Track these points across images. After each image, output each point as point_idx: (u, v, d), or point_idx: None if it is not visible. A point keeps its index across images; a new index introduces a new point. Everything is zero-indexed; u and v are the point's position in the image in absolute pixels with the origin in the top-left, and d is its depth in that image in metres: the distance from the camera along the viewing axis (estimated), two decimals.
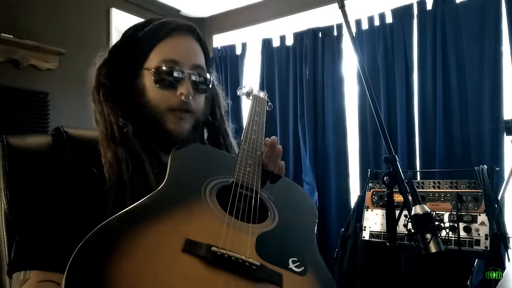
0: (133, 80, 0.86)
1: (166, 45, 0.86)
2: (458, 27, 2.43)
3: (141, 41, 0.86)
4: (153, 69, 0.84)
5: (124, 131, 0.83)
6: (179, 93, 0.85)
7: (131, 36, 0.88)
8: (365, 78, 1.03)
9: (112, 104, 0.85)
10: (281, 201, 0.85)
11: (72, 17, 2.70)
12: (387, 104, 2.69)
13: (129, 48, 0.88)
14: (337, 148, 2.92)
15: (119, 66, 0.88)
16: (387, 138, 0.97)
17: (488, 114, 2.31)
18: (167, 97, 0.85)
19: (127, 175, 0.78)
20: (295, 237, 0.78)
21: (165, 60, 0.84)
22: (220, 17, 3.53)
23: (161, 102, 0.85)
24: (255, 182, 0.83)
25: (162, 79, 0.84)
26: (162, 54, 0.85)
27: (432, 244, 0.84)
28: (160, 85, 0.84)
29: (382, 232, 2.04)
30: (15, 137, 0.95)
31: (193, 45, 0.90)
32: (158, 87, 0.84)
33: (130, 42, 0.88)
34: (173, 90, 0.85)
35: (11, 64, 2.35)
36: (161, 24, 0.87)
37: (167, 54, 0.85)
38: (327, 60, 2.99)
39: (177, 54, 0.86)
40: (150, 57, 0.85)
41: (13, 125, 2.30)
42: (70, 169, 0.81)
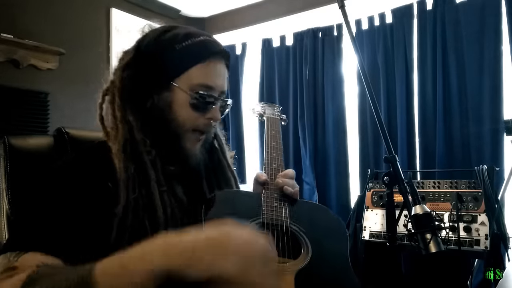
0: (159, 91, 0.84)
1: (205, 69, 0.84)
2: (458, 27, 2.43)
3: (178, 55, 0.83)
4: (190, 91, 0.83)
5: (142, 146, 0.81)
6: (208, 117, 0.86)
7: (167, 46, 0.84)
8: (365, 78, 1.03)
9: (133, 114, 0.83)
10: (310, 230, 0.86)
11: (72, 17, 2.70)
12: (387, 104, 2.69)
13: (163, 58, 0.84)
14: (337, 148, 2.92)
15: (146, 72, 0.84)
16: (387, 138, 0.97)
17: (488, 114, 2.31)
18: (195, 118, 0.85)
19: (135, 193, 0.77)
20: (331, 267, 0.79)
21: (203, 85, 0.84)
22: (220, 17, 3.53)
23: (188, 121, 0.85)
24: (283, 216, 0.85)
25: (198, 102, 0.84)
26: (201, 77, 0.84)
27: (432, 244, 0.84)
28: (193, 107, 0.84)
29: (382, 232, 2.04)
30: (17, 138, 0.95)
31: (224, 71, 0.90)
32: (190, 107, 0.84)
33: (165, 51, 0.84)
34: (202, 113, 0.85)
35: (11, 64, 2.35)
36: (202, 44, 0.85)
37: (206, 79, 0.84)
38: (327, 60, 2.99)
39: (214, 80, 0.86)
40: (186, 75, 0.83)
41: (13, 125, 2.30)
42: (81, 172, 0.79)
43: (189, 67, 0.83)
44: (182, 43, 0.83)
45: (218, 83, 0.87)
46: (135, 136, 0.81)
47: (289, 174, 0.98)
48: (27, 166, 0.94)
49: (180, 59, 0.83)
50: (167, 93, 0.84)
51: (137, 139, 0.81)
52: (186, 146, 0.86)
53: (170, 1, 3.27)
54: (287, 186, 0.94)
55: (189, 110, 0.84)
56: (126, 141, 0.80)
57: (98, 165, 0.79)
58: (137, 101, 0.84)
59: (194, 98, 0.83)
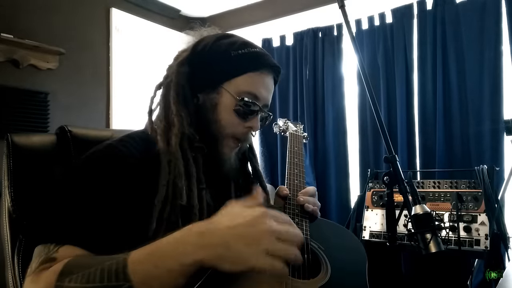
0: (207, 92, 0.87)
1: (255, 79, 0.87)
2: (458, 27, 2.44)
3: (232, 61, 0.86)
4: (237, 96, 0.85)
5: (193, 143, 0.83)
6: (248, 126, 0.88)
7: (223, 49, 0.87)
8: (365, 78, 1.03)
9: (186, 109, 0.85)
10: (329, 248, 0.88)
11: (72, 17, 2.70)
12: (387, 104, 2.69)
13: (217, 61, 0.86)
14: (337, 148, 2.92)
15: (199, 72, 0.87)
16: (387, 138, 0.97)
17: (488, 114, 2.31)
18: (236, 125, 0.87)
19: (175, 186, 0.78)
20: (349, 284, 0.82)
21: (250, 93, 0.86)
22: (220, 17, 3.53)
23: (229, 126, 0.87)
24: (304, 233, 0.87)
25: (242, 108, 0.86)
26: (250, 86, 0.86)
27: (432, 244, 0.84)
28: (236, 112, 0.86)
29: (382, 232, 2.04)
30: (20, 136, 0.95)
31: (272, 85, 0.93)
32: (233, 112, 0.86)
33: (220, 56, 0.86)
34: (244, 120, 0.87)
35: (11, 64, 2.35)
36: (257, 54, 0.88)
37: (254, 88, 0.87)
38: (327, 60, 2.99)
39: (261, 91, 0.88)
40: (236, 81, 0.86)
41: (13, 125, 2.30)
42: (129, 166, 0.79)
43: (240, 73, 0.86)
44: (238, 51, 0.86)
45: (264, 95, 0.89)
46: (185, 131, 0.83)
47: (310, 191, 1.01)
48: (29, 164, 0.94)
49: (233, 65, 0.86)
50: (215, 94, 0.86)
51: (188, 134, 0.83)
52: (223, 150, 0.88)
53: (170, 1, 3.27)
54: (308, 204, 0.96)
55: (232, 114, 0.86)
56: (182, 134, 0.82)
57: (141, 155, 0.80)
58: (188, 98, 0.86)
59: (239, 104, 0.86)
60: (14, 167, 0.90)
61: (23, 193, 0.90)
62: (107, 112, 2.87)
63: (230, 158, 0.89)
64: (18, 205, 0.89)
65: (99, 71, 2.85)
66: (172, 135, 0.81)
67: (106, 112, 2.87)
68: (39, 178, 0.92)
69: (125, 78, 2.94)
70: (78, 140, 0.99)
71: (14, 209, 0.88)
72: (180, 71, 0.87)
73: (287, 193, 0.99)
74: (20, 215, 0.88)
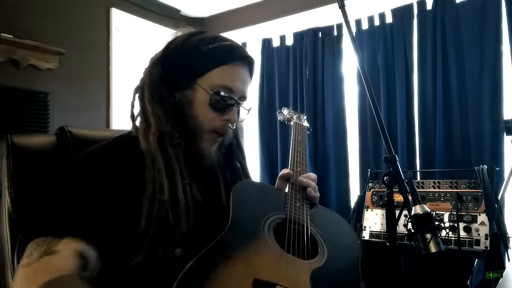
0: (182, 89, 0.88)
1: (227, 71, 0.88)
2: (458, 27, 2.43)
3: (204, 57, 0.87)
4: (211, 90, 0.86)
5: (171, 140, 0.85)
6: (225, 119, 0.88)
7: (193, 46, 0.88)
8: (365, 78, 1.03)
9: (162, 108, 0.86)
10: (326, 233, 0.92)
11: (72, 17, 2.70)
12: (387, 104, 2.69)
13: (188, 57, 0.88)
14: (337, 148, 2.92)
15: (172, 71, 0.89)
16: (387, 138, 0.97)
17: (488, 114, 2.31)
18: (213, 119, 0.88)
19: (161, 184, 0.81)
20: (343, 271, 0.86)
21: (224, 86, 0.87)
22: (220, 17, 3.53)
23: (206, 121, 0.87)
24: (305, 217, 0.90)
25: (216, 102, 0.86)
26: (223, 79, 0.87)
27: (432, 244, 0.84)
28: (212, 106, 0.87)
29: (382, 232, 2.04)
30: (20, 136, 0.96)
31: (247, 77, 0.93)
32: (209, 107, 0.87)
33: (191, 52, 0.87)
34: (221, 114, 0.88)
35: (11, 64, 2.35)
36: (228, 47, 0.89)
37: (227, 81, 0.87)
38: (327, 60, 2.99)
39: (235, 83, 0.88)
40: (209, 75, 0.87)
41: (13, 125, 2.30)
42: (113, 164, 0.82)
43: (212, 68, 0.87)
44: (209, 45, 0.87)
45: (239, 87, 0.89)
46: (164, 129, 0.84)
47: (311, 176, 1.03)
48: (29, 164, 0.94)
49: (205, 60, 0.87)
50: (189, 91, 0.87)
51: (166, 132, 0.84)
52: (203, 145, 0.89)
53: (170, 1, 3.27)
54: (310, 188, 0.99)
55: (208, 109, 0.87)
56: (160, 132, 0.84)
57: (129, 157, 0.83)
58: (163, 97, 0.88)
59: (214, 98, 0.86)
60: (14, 167, 0.91)
61: (23, 194, 0.90)
62: (107, 112, 2.87)
63: (211, 152, 0.90)
64: (18, 206, 0.89)
65: (99, 71, 2.85)
66: (150, 134, 0.83)
67: (106, 112, 2.87)
68: (39, 178, 0.93)
69: (125, 78, 2.94)
70: (78, 140, 0.99)
71: (14, 210, 0.88)
72: (153, 72, 0.89)
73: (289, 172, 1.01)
74: (20, 216, 0.89)
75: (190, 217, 0.82)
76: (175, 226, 0.79)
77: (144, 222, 0.76)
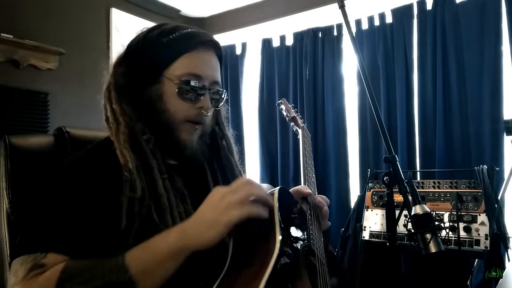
0: (151, 84, 0.86)
1: (191, 58, 0.86)
2: (458, 27, 2.43)
3: (165, 47, 0.85)
4: (177, 80, 0.84)
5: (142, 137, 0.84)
6: (199, 107, 0.87)
7: (154, 39, 0.87)
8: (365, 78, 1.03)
9: (130, 106, 0.86)
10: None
11: (72, 17, 2.70)
12: (387, 104, 2.69)
13: (151, 51, 0.86)
14: (337, 148, 2.92)
15: (137, 68, 0.88)
16: (387, 138, 0.97)
17: (488, 114, 2.31)
18: (186, 109, 0.86)
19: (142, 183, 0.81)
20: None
21: (190, 74, 0.85)
22: (220, 17, 3.53)
23: (179, 112, 0.86)
24: (321, 246, 0.90)
25: (185, 91, 0.85)
26: (188, 67, 0.85)
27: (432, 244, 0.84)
28: (181, 97, 0.85)
29: (382, 232, 2.04)
30: (18, 137, 0.96)
31: (215, 61, 0.91)
32: (179, 97, 0.85)
33: (152, 45, 0.86)
34: (193, 103, 0.86)
35: (11, 64, 2.35)
36: (188, 35, 0.87)
37: (193, 68, 0.85)
38: (327, 60, 2.99)
39: (201, 69, 0.86)
40: (173, 66, 0.85)
41: (13, 125, 2.30)
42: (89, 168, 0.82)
43: (176, 57, 0.85)
44: (169, 36, 0.85)
45: (207, 72, 0.87)
46: (135, 127, 0.84)
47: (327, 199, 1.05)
48: (27, 165, 0.94)
49: (166, 51, 0.85)
50: (157, 85, 0.86)
51: (137, 129, 0.84)
52: (182, 136, 0.87)
53: (170, 1, 3.27)
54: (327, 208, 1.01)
55: (178, 100, 0.85)
56: (130, 130, 0.83)
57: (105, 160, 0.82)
58: (132, 95, 0.87)
59: (182, 88, 0.85)
60: (12, 168, 0.91)
61: (21, 195, 0.90)
62: None
63: (191, 141, 0.89)
64: (16, 207, 0.89)
65: (99, 71, 2.84)
66: (120, 134, 0.83)
67: None
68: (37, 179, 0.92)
69: None
70: (76, 141, 1.00)
71: (12, 211, 0.88)
72: (117, 72, 0.88)
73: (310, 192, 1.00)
74: (18, 217, 0.89)
75: (174, 211, 0.81)
76: (160, 221, 0.79)
77: (125, 221, 0.76)
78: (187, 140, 0.88)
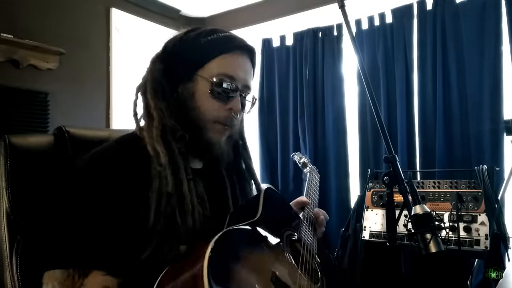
0: (185, 83, 0.87)
1: (227, 60, 0.87)
2: (458, 27, 2.43)
3: (202, 48, 0.87)
4: (211, 79, 0.85)
5: (174, 134, 0.85)
6: (229, 108, 0.87)
7: (192, 40, 0.88)
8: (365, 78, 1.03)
9: (165, 103, 0.86)
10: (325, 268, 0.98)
11: (72, 17, 2.70)
12: (387, 104, 2.69)
13: (188, 51, 0.88)
14: (337, 148, 2.92)
15: (173, 66, 0.89)
16: (387, 138, 0.97)
17: (488, 114, 2.31)
18: (217, 109, 0.87)
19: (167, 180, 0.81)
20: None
21: (225, 74, 0.86)
22: (220, 17, 3.53)
23: (210, 111, 0.87)
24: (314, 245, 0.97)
25: (217, 91, 0.85)
26: (223, 67, 0.86)
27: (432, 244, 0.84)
28: (213, 96, 0.86)
29: (382, 232, 2.04)
30: (17, 136, 0.96)
31: (249, 66, 0.93)
32: (210, 96, 0.86)
33: (190, 46, 0.88)
34: (224, 104, 0.87)
35: (11, 64, 2.35)
36: (226, 38, 0.89)
37: (227, 69, 0.86)
38: (327, 60, 2.99)
39: (236, 71, 0.87)
40: (209, 66, 0.86)
41: (13, 125, 2.30)
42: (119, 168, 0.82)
43: (211, 58, 0.86)
44: (207, 37, 0.87)
45: (240, 75, 0.88)
46: (167, 123, 0.84)
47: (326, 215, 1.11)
48: (27, 164, 0.94)
49: (203, 51, 0.87)
50: (191, 83, 0.87)
51: (169, 126, 0.84)
52: (210, 135, 0.88)
53: (170, 1, 3.27)
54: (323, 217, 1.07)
55: (209, 99, 0.86)
56: (164, 126, 0.84)
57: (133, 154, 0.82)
58: (167, 92, 0.87)
59: (215, 87, 0.85)
60: (11, 168, 0.91)
61: (21, 194, 0.90)
62: (107, 112, 2.87)
63: (220, 142, 0.89)
64: (16, 206, 0.89)
65: (99, 71, 2.85)
66: (153, 128, 0.83)
67: (106, 112, 2.87)
68: (37, 178, 0.93)
69: (125, 78, 2.94)
70: (76, 140, 1.00)
71: (12, 210, 0.88)
72: (154, 69, 0.89)
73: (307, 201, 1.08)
74: (18, 216, 0.89)
75: (195, 213, 0.82)
76: (181, 222, 0.79)
77: (153, 217, 0.76)
78: (215, 139, 0.88)
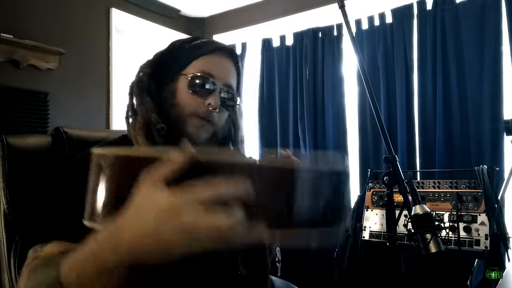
0: (169, 82, 0.93)
1: (207, 60, 0.93)
2: (458, 27, 2.43)
3: (186, 52, 0.93)
4: (189, 76, 0.90)
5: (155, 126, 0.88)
6: (207, 103, 0.90)
7: (178, 46, 0.95)
8: (365, 78, 1.03)
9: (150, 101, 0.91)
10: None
11: (72, 17, 2.70)
12: (387, 104, 2.69)
13: (173, 56, 0.95)
14: (337, 148, 2.92)
15: (159, 69, 0.94)
16: (387, 138, 0.97)
17: (488, 114, 2.31)
18: (196, 104, 0.90)
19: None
20: None
21: (203, 71, 0.91)
22: (220, 17, 3.53)
23: (188, 106, 0.90)
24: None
25: (195, 85, 0.90)
26: (202, 66, 0.92)
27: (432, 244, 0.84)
28: (192, 91, 0.90)
29: (382, 232, 2.04)
30: (15, 137, 0.96)
31: (230, 67, 0.97)
32: (190, 92, 0.90)
33: (176, 51, 0.95)
34: (202, 99, 0.90)
35: (11, 64, 2.35)
36: (208, 42, 0.96)
37: (206, 67, 0.92)
38: (327, 60, 2.99)
39: (214, 69, 0.92)
40: (190, 66, 0.92)
41: (13, 125, 2.30)
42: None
43: (193, 59, 0.92)
44: (192, 43, 0.95)
45: (220, 74, 0.93)
46: (150, 118, 0.88)
47: None
48: (25, 165, 0.94)
49: (186, 55, 0.93)
50: (174, 83, 0.92)
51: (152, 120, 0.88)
52: (189, 130, 0.91)
53: (170, 1, 3.27)
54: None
55: (189, 94, 0.90)
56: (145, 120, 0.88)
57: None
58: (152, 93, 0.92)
59: (192, 81, 0.90)
60: (9, 168, 0.90)
61: (19, 195, 0.90)
62: (107, 112, 2.87)
63: (198, 137, 0.92)
64: (14, 207, 0.89)
65: (99, 71, 2.85)
66: (136, 123, 0.88)
67: (106, 112, 2.87)
68: (35, 179, 0.92)
69: (125, 78, 2.94)
70: (74, 141, 1.00)
71: (10, 211, 0.88)
72: (142, 72, 0.94)
73: None
74: (16, 217, 0.88)
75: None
76: None
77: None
78: (193, 134, 0.91)
